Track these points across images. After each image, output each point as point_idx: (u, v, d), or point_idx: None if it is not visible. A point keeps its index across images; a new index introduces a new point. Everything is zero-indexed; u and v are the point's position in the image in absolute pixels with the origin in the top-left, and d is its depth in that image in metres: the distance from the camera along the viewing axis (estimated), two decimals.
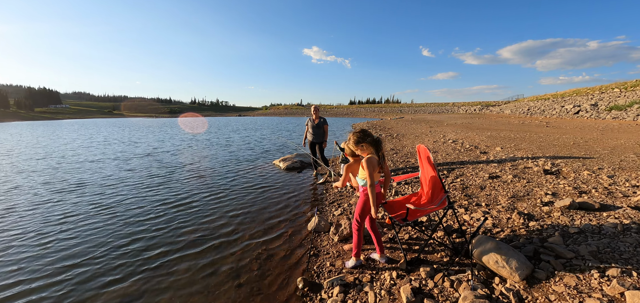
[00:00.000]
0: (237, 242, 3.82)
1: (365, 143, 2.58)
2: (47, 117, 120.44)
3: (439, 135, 13.08)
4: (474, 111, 57.80)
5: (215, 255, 3.54)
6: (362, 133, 2.64)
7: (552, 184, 4.47)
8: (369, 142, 2.58)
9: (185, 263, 3.36)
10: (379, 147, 2.59)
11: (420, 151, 3.14)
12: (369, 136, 2.62)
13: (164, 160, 9.76)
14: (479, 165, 6.14)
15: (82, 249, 3.69)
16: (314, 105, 6.81)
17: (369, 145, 2.58)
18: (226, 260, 3.42)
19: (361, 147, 2.59)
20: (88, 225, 4.37)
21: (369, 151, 2.57)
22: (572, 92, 42.69)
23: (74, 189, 6.20)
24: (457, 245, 2.99)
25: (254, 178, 6.98)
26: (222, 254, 3.56)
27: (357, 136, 2.63)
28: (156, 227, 4.29)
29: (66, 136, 21.38)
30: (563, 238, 2.79)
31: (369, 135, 2.63)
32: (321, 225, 3.99)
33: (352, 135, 2.67)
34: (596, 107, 27.58)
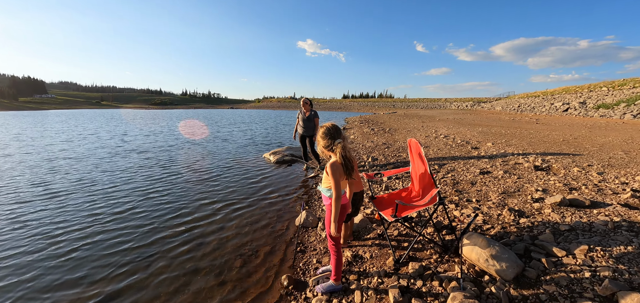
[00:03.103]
0: (221, 237, 3.67)
1: (331, 139, 2.16)
2: (32, 107, 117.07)
3: (431, 130, 13.07)
4: (466, 107, 58.29)
5: (197, 251, 3.39)
6: (332, 127, 2.20)
7: (542, 180, 4.44)
8: (338, 139, 2.14)
9: (165, 260, 3.21)
10: (345, 148, 2.12)
11: (412, 145, 3.04)
12: (339, 131, 2.19)
13: (149, 152, 9.50)
14: (470, 161, 6.10)
15: (48, 252, 3.50)
16: (304, 97, 6.66)
17: (341, 141, 2.14)
18: (209, 256, 3.28)
19: (331, 144, 2.16)
20: (58, 217, 4.17)
21: (338, 148, 2.13)
22: (561, 90, 43.40)
23: (50, 194, 5.96)
24: (447, 242, 2.92)
25: (243, 172, 6.81)
26: (205, 250, 3.41)
27: (327, 130, 2.21)
28: (135, 221, 4.11)
29: (54, 127, 20.76)
30: (554, 235, 2.74)
31: (339, 131, 2.19)
32: (309, 220, 3.87)
33: (322, 129, 2.24)
34: (584, 105, 28.09)
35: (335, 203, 2.11)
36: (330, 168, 2.11)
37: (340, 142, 2.12)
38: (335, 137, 2.16)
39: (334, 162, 2.12)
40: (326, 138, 2.19)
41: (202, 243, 3.55)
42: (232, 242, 3.56)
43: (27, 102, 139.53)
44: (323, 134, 2.22)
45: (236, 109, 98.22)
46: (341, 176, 2.13)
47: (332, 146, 2.15)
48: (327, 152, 2.24)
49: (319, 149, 2.32)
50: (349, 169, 2.11)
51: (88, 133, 15.79)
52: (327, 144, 2.19)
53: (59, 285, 2.81)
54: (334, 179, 2.09)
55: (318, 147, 2.31)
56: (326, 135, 2.19)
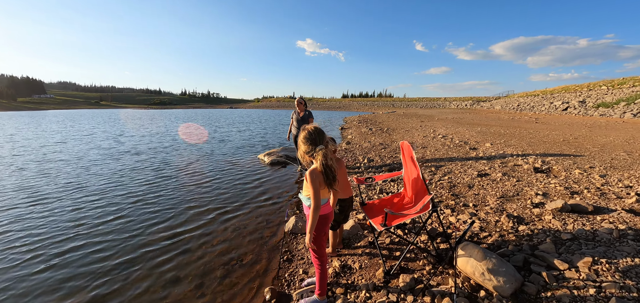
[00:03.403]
0: (206, 245, 3.50)
1: (312, 144, 1.95)
2: (30, 107, 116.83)
3: (429, 130, 12.89)
4: (465, 106, 58.12)
5: (179, 259, 3.22)
6: (314, 131, 1.99)
7: (542, 183, 4.27)
8: (320, 146, 1.94)
9: (145, 270, 3.03)
10: (327, 157, 1.91)
11: (404, 149, 2.86)
12: (321, 136, 1.98)
13: (142, 154, 9.33)
14: (468, 162, 5.92)
15: (25, 264, 3.32)
16: (298, 97, 6.48)
17: (322, 148, 1.93)
18: (191, 265, 3.11)
19: (312, 150, 1.96)
20: (40, 225, 3.99)
21: (319, 155, 1.92)
22: (561, 89, 43.27)
23: (35, 200, 5.78)
24: (441, 252, 2.74)
25: (235, 173, 6.64)
26: (188, 259, 3.24)
27: (308, 134, 1.99)
28: (119, 229, 3.92)
29: (50, 128, 20.58)
30: (555, 245, 2.56)
31: (321, 136, 1.98)
32: (298, 226, 3.69)
33: (303, 132, 2.03)
34: (584, 104, 27.93)
35: (312, 214, 1.94)
36: (310, 176, 1.93)
37: (322, 149, 1.93)
38: (317, 142, 1.97)
39: (314, 170, 1.95)
40: (307, 143, 1.99)
41: (186, 251, 3.37)
42: (217, 250, 3.38)
43: (25, 103, 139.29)
44: (304, 138, 2.02)
45: (235, 109, 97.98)
46: (321, 185, 1.95)
47: (313, 152, 1.97)
48: (307, 158, 2.05)
49: (299, 154, 2.12)
50: (330, 179, 1.93)
51: (83, 134, 15.60)
52: (308, 150, 2.00)
53: (29, 301, 2.63)
54: (313, 188, 1.91)
55: (299, 151, 2.11)
56: (307, 140, 2.00)
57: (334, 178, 1.95)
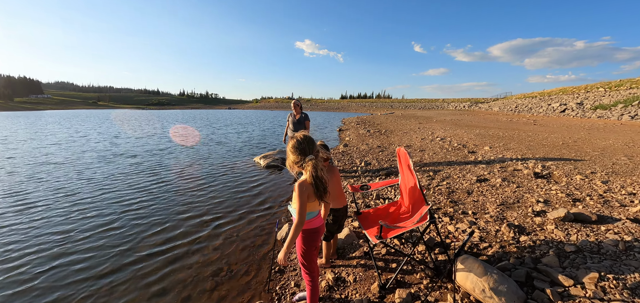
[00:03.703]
0: (195, 253, 3.36)
1: (301, 154, 1.84)
2: (27, 107, 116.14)
3: (428, 132, 12.80)
4: (463, 108, 58.18)
5: (168, 269, 3.08)
6: (303, 140, 1.87)
7: (543, 190, 4.15)
8: (309, 156, 1.83)
9: (130, 282, 2.89)
10: (317, 168, 1.79)
11: (400, 156, 2.74)
12: (311, 145, 1.87)
13: (137, 157, 9.17)
14: (467, 167, 5.81)
15: (7, 278, 3.17)
16: (294, 99, 6.35)
17: (312, 158, 1.82)
18: (179, 276, 2.97)
19: (301, 161, 1.85)
20: (27, 235, 3.84)
21: (309, 166, 1.80)
22: (558, 91, 43.37)
23: (23, 206, 5.62)
24: (440, 264, 2.62)
25: (230, 177, 6.49)
26: (174, 267, 3.10)
27: (297, 143, 1.86)
28: (108, 239, 3.76)
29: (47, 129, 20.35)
30: (559, 258, 2.44)
31: (311, 145, 1.87)
32: None
33: (291, 141, 1.91)
34: (582, 105, 27.95)
35: (293, 229, 1.79)
36: (299, 188, 1.79)
37: (312, 160, 1.81)
38: (306, 152, 1.84)
39: (303, 182, 1.82)
40: (295, 153, 1.87)
41: (175, 261, 3.23)
42: (207, 260, 3.24)
43: (22, 103, 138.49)
44: (293, 147, 1.89)
45: (234, 110, 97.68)
46: (310, 197, 1.82)
47: (302, 163, 1.84)
48: (296, 168, 1.93)
49: (288, 164, 1.99)
50: (320, 191, 1.80)
51: (79, 135, 15.40)
52: (297, 160, 1.87)
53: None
54: (300, 201, 1.78)
55: (287, 161, 1.98)
56: (296, 149, 1.87)
57: (325, 190, 1.83)
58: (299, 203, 1.79)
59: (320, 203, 1.93)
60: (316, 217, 1.97)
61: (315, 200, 1.87)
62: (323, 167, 1.86)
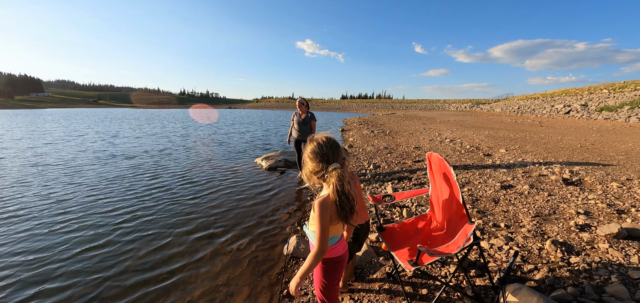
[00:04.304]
0: (190, 276, 2.93)
1: (323, 162, 1.40)
2: (28, 105, 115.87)
3: (435, 133, 12.39)
4: (465, 108, 57.76)
5: (158, 294, 2.66)
6: (326, 144, 1.43)
7: (580, 199, 3.74)
8: (334, 164, 1.38)
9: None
10: (343, 180, 1.34)
11: (433, 162, 2.33)
12: (336, 150, 1.43)
13: (134, 159, 8.76)
14: (486, 171, 5.39)
15: None
16: (299, 98, 5.95)
17: (336, 168, 1.36)
18: (168, 296, 2.56)
19: (323, 171, 1.40)
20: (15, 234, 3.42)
21: (333, 178, 1.35)
22: (561, 92, 43.01)
23: (2, 219, 5.20)
24: (480, 291, 2.21)
25: (228, 179, 6.07)
26: (165, 285, 2.70)
27: (317, 147, 1.43)
28: (92, 256, 3.31)
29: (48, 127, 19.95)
30: (626, 286, 2.04)
31: (336, 150, 1.43)
32: (300, 249, 3.15)
33: (311, 145, 1.46)
34: (586, 107, 27.54)
35: (312, 259, 1.38)
36: (319, 207, 1.37)
37: (337, 169, 1.37)
38: (330, 159, 1.41)
39: (325, 199, 1.38)
40: (316, 159, 1.42)
41: (169, 286, 2.79)
42: (204, 284, 2.81)
43: (23, 101, 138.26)
44: (312, 153, 1.45)
45: (234, 109, 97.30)
46: (333, 218, 1.40)
47: (325, 174, 1.40)
48: (315, 179, 1.49)
49: (304, 173, 1.54)
50: (346, 211, 1.37)
51: (76, 134, 14.96)
52: (317, 169, 1.42)
53: None
54: (321, 224, 1.36)
55: (304, 169, 1.52)
56: (316, 155, 1.43)
57: (352, 209, 1.39)
58: (319, 227, 1.38)
59: (344, 225, 1.52)
60: (339, 242, 1.55)
61: (339, 222, 1.46)
62: (350, 179, 1.45)
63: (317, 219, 1.39)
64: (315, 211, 1.42)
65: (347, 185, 1.36)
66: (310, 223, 1.61)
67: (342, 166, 1.41)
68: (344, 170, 1.38)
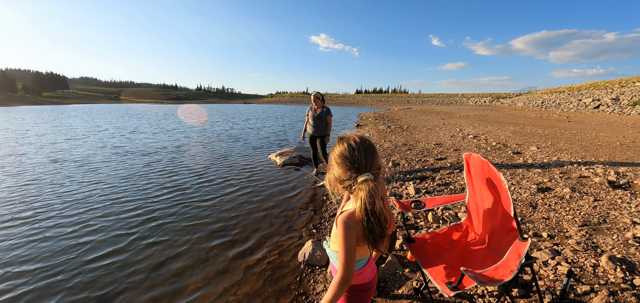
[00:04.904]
0: (191, 271, 2.74)
1: (352, 169, 1.12)
2: (54, 101, 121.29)
3: (455, 129, 11.83)
4: (484, 103, 55.88)
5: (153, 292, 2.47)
6: (359, 147, 1.13)
7: (633, 206, 3.30)
8: (365, 175, 1.09)
9: None
10: (374, 195, 1.05)
11: (472, 164, 2.00)
12: (371, 157, 1.14)
13: (148, 156, 8.76)
14: (518, 171, 4.96)
15: None
16: (315, 92, 5.67)
17: (367, 180, 1.08)
18: None
19: (351, 180, 1.12)
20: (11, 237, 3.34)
21: (362, 193, 1.06)
22: (589, 86, 40.79)
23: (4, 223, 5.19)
24: None
25: (241, 176, 5.89)
26: (165, 290, 2.51)
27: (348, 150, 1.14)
28: (94, 264, 3.14)
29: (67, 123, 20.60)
30: None
31: (371, 156, 1.14)
32: (316, 256, 2.90)
33: (340, 146, 1.18)
34: (618, 101, 25.90)
35: (335, 288, 1.10)
36: (343, 225, 1.10)
37: (368, 181, 1.08)
38: (362, 166, 1.12)
39: (350, 215, 1.11)
40: (345, 165, 1.14)
41: (165, 282, 2.62)
42: (204, 282, 2.62)
43: (49, 97, 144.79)
44: (340, 156, 1.16)
45: (249, 104, 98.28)
46: (360, 240, 1.13)
47: (353, 184, 1.12)
48: (340, 188, 1.21)
49: (328, 178, 1.25)
50: (375, 235, 1.08)
51: (97, 130, 15.24)
52: (344, 177, 1.15)
53: None
54: (345, 246, 1.09)
55: (329, 174, 1.24)
56: (345, 160, 1.14)
57: (383, 233, 1.09)
58: (343, 249, 1.10)
59: (371, 249, 1.23)
60: (367, 265, 1.27)
61: (365, 245, 1.17)
62: (384, 195, 1.16)
63: (341, 239, 1.12)
64: (338, 228, 1.15)
65: (379, 202, 1.08)
66: (332, 240, 1.34)
67: (376, 178, 1.13)
68: (377, 184, 1.10)
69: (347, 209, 1.18)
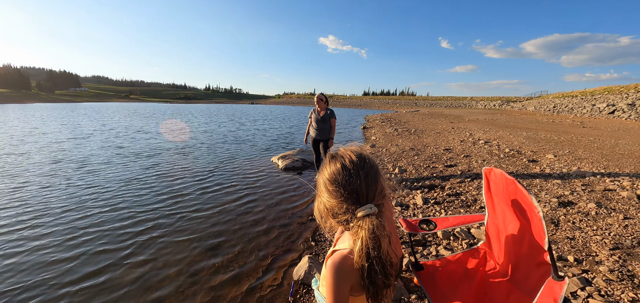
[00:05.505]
0: (176, 291, 2.50)
1: (349, 200, 0.85)
2: (66, 99, 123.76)
3: (465, 133, 11.43)
4: (494, 106, 54.87)
5: None
6: (356, 169, 0.87)
7: None
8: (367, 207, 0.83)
9: None
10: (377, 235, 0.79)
11: (493, 181, 1.71)
12: (373, 181, 0.87)
13: (152, 158, 8.62)
14: (535, 181, 4.61)
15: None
16: (318, 93, 5.41)
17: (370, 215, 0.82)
18: None
19: (347, 214, 0.86)
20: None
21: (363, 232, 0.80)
22: (602, 90, 39.67)
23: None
24: None
25: (242, 182, 5.64)
26: None
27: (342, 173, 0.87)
28: (88, 277, 3.00)
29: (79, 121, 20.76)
30: None
31: (372, 180, 0.87)
32: (312, 274, 2.63)
33: (332, 165, 0.91)
34: (634, 107, 25.00)
35: None
36: (333, 270, 0.85)
37: (370, 215, 0.82)
38: (362, 196, 0.85)
39: (344, 259, 0.85)
40: (338, 192, 0.87)
41: None
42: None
43: (62, 95, 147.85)
44: (332, 180, 0.89)
45: (257, 104, 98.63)
46: (356, 292, 0.86)
47: (350, 219, 0.85)
48: (333, 223, 0.93)
49: (317, 208, 0.97)
50: (378, 287, 0.80)
51: (105, 128, 15.22)
52: (339, 209, 0.88)
53: None
54: (335, 298, 0.84)
55: (317, 202, 0.97)
56: (339, 186, 0.87)
57: (387, 283, 0.81)
58: (332, 291, 0.84)
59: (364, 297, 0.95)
60: None
61: (363, 294, 0.88)
62: (392, 227, 0.89)
63: (330, 289, 0.85)
64: (327, 273, 0.89)
65: (386, 243, 0.81)
66: (322, 282, 1.08)
67: (380, 213, 0.86)
68: (382, 219, 0.83)
69: (340, 249, 0.91)
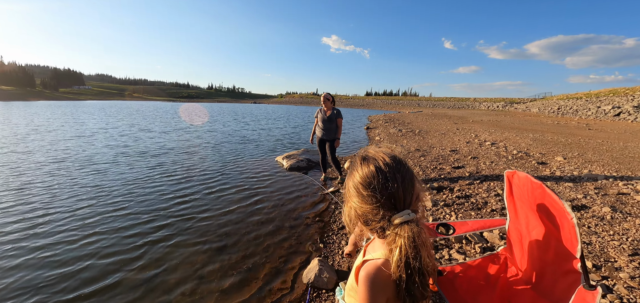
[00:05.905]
0: (184, 294, 2.45)
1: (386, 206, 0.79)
2: (70, 97, 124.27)
3: (470, 135, 11.34)
4: (497, 108, 54.61)
5: None
6: (392, 172, 0.80)
7: None
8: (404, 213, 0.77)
9: None
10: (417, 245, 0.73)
11: (517, 184, 1.65)
12: (409, 185, 0.81)
13: (157, 158, 8.59)
14: (546, 184, 4.53)
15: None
16: (325, 93, 5.36)
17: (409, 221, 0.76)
18: None
19: (382, 220, 0.80)
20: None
21: (402, 240, 0.74)
22: (607, 92, 39.36)
23: None
24: None
25: (247, 183, 5.58)
26: None
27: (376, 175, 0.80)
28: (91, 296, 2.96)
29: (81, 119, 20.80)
30: None
31: (408, 185, 0.81)
32: (322, 277, 2.58)
33: (364, 168, 0.84)
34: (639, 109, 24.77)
35: None
36: (367, 283, 0.80)
37: (410, 223, 0.76)
38: (399, 201, 0.79)
39: (379, 271, 0.79)
40: (372, 197, 0.81)
41: None
42: None
43: (66, 93, 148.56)
44: (365, 184, 0.82)
45: (259, 104, 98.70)
46: (385, 296, 0.80)
47: (386, 226, 0.80)
48: (366, 230, 0.89)
49: (345, 213, 0.93)
50: (416, 298, 0.76)
51: (108, 127, 15.19)
52: (373, 215, 0.82)
53: None
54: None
55: (347, 207, 0.91)
56: (375, 192, 0.80)
57: (425, 293, 0.76)
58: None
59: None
60: None
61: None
62: (428, 240, 0.83)
63: (366, 293, 0.80)
64: (359, 286, 0.83)
65: (425, 251, 0.75)
66: (348, 293, 1.02)
67: (419, 222, 0.80)
68: (421, 227, 0.77)
69: (372, 258, 0.85)
